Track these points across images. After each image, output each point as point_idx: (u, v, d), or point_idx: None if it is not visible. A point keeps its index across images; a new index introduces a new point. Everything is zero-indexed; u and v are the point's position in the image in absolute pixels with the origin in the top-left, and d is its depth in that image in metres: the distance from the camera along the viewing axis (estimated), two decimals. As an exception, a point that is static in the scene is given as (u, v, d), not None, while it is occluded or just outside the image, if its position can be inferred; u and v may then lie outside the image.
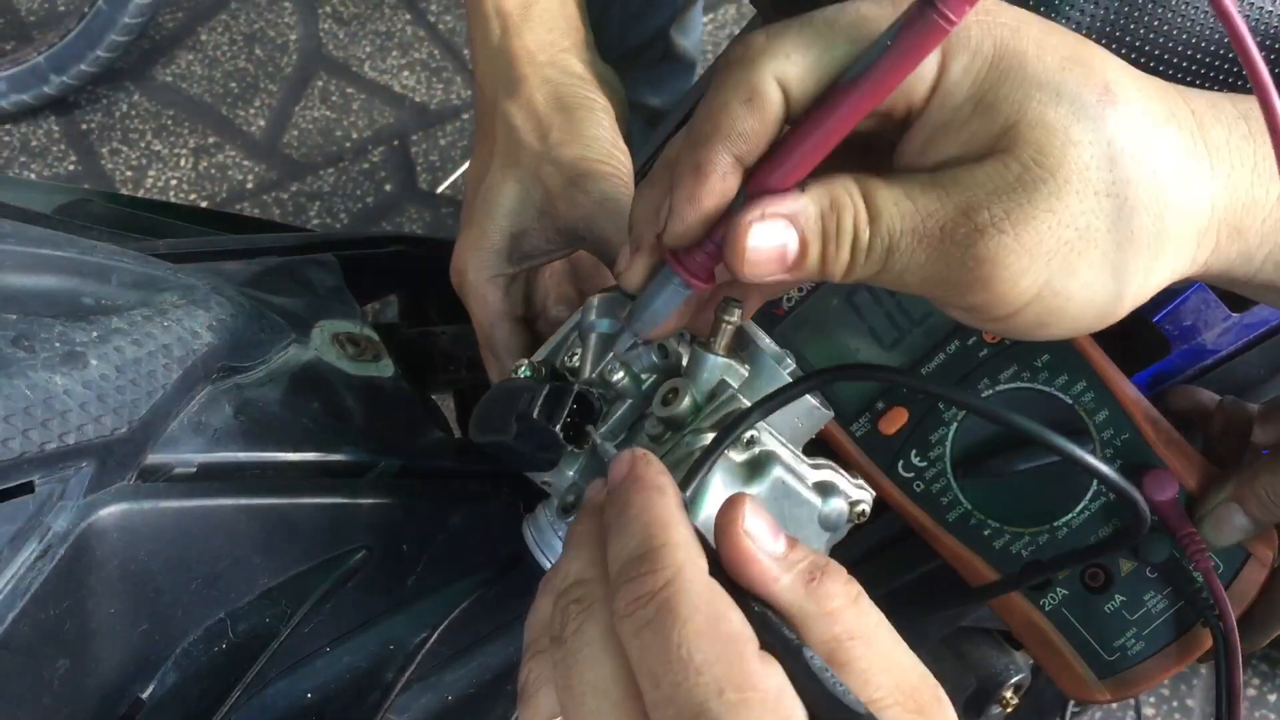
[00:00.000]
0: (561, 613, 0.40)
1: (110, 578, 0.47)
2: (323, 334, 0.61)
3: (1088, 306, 0.41)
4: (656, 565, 0.37)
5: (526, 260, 0.64)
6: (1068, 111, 0.39)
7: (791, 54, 0.40)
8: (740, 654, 0.35)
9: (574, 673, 0.38)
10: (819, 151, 0.40)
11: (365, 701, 0.57)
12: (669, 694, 0.35)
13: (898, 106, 0.41)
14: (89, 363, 0.46)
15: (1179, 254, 0.42)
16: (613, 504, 0.41)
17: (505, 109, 0.64)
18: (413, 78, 2.24)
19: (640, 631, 0.36)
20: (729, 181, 0.41)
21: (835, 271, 0.42)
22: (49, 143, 2.10)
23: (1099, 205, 0.39)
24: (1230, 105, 0.43)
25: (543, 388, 0.50)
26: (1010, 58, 0.39)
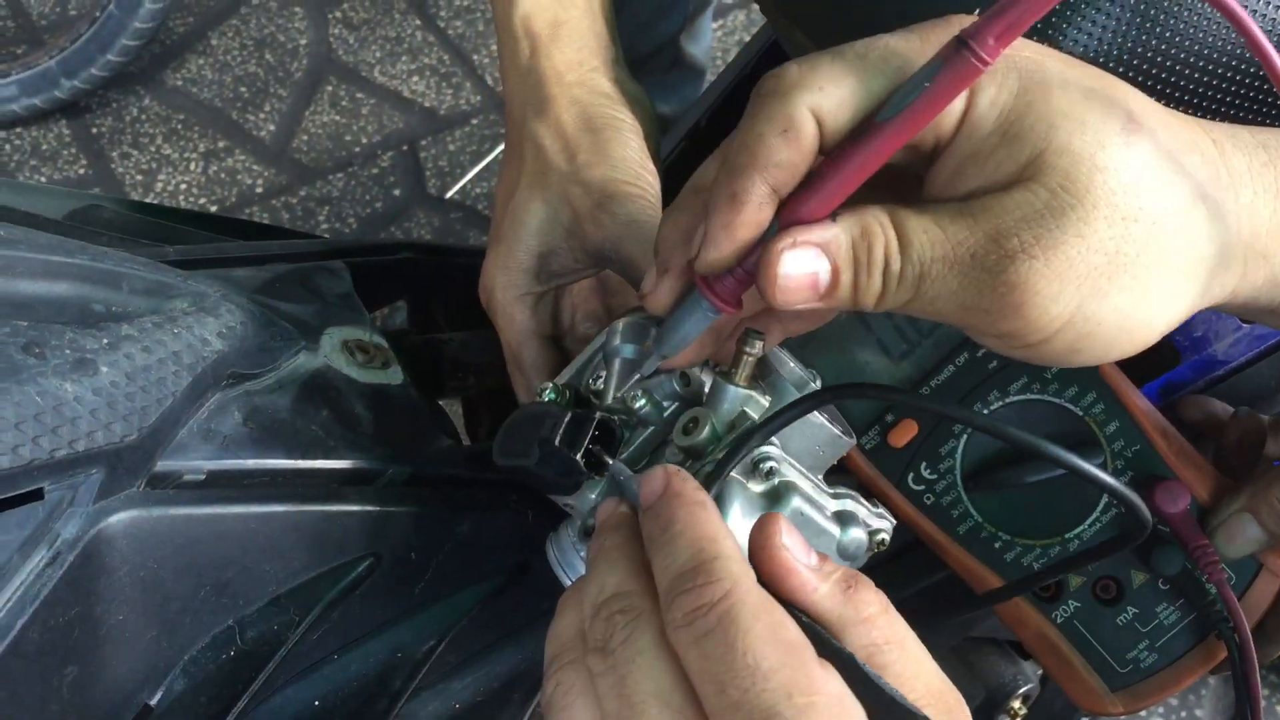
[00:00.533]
0: (605, 623, 0.40)
1: (119, 585, 0.47)
2: (332, 341, 0.61)
3: (1120, 332, 0.41)
4: (713, 577, 0.38)
5: (554, 279, 0.64)
6: (1093, 139, 0.39)
7: (826, 87, 0.41)
8: (803, 660, 0.37)
9: (630, 682, 0.38)
10: (852, 183, 0.41)
11: (373, 709, 0.57)
12: (736, 699, 0.36)
13: (926, 139, 0.42)
14: (99, 370, 0.46)
15: (1208, 279, 0.42)
16: (654, 519, 0.42)
17: (533, 129, 0.64)
18: (422, 83, 2.24)
19: (700, 640, 0.37)
20: (764, 211, 0.42)
21: (867, 300, 0.42)
22: (59, 146, 2.11)
23: (1128, 231, 0.39)
24: (1248, 135, 0.44)
25: (565, 414, 0.50)
26: (1035, 89, 0.40)
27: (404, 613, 0.59)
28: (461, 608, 0.61)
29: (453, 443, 0.62)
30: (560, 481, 0.51)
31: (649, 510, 0.43)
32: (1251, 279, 0.43)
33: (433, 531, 0.58)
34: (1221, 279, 0.43)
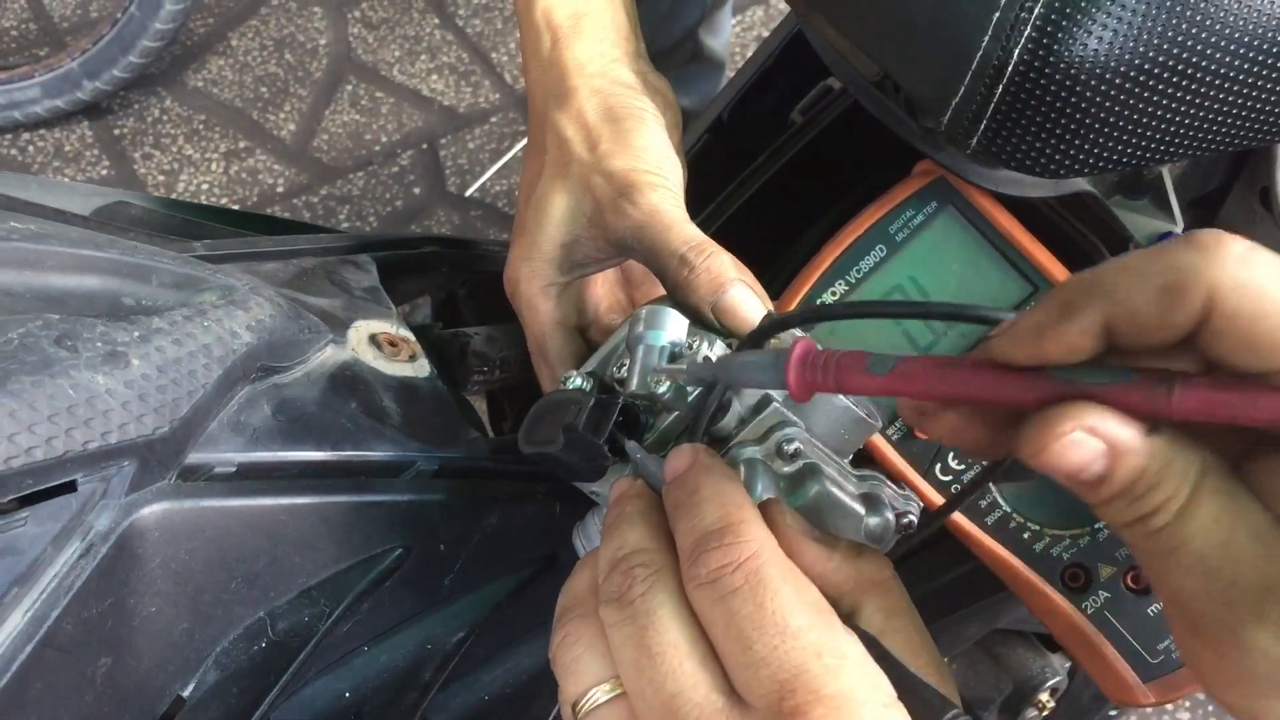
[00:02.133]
0: (624, 575, 0.41)
1: (151, 576, 0.47)
2: (359, 334, 0.61)
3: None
4: (741, 537, 0.39)
5: (578, 269, 0.64)
6: None
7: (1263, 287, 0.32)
8: (830, 623, 0.38)
9: (651, 632, 0.39)
10: (1215, 413, 0.33)
11: (403, 701, 0.57)
12: (764, 655, 0.36)
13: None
14: (130, 362, 0.46)
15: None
16: (680, 487, 0.43)
17: (555, 120, 0.64)
18: (441, 81, 2.25)
19: (727, 598, 0.38)
20: (1083, 339, 0.35)
21: (1100, 511, 0.37)
22: (82, 147, 2.12)
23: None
24: None
25: (589, 400, 0.50)
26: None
27: (433, 605, 0.59)
28: (490, 600, 0.61)
29: (480, 435, 0.62)
30: (585, 468, 0.51)
31: (675, 481, 0.43)
32: None
33: (461, 523, 0.58)
34: None
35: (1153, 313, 0.33)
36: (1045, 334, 0.35)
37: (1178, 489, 0.35)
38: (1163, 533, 0.35)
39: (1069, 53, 0.52)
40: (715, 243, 0.58)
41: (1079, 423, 0.35)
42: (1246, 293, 0.32)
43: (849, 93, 0.81)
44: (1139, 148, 0.56)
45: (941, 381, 0.37)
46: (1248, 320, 0.32)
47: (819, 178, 0.86)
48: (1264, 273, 0.32)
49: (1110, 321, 0.34)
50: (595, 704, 0.40)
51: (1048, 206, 0.71)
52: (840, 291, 0.70)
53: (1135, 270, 0.33)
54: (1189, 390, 0.33)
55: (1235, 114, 0.56)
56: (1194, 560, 0.35)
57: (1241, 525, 0.35)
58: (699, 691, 0.38)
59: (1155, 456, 0.35)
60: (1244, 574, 0.34)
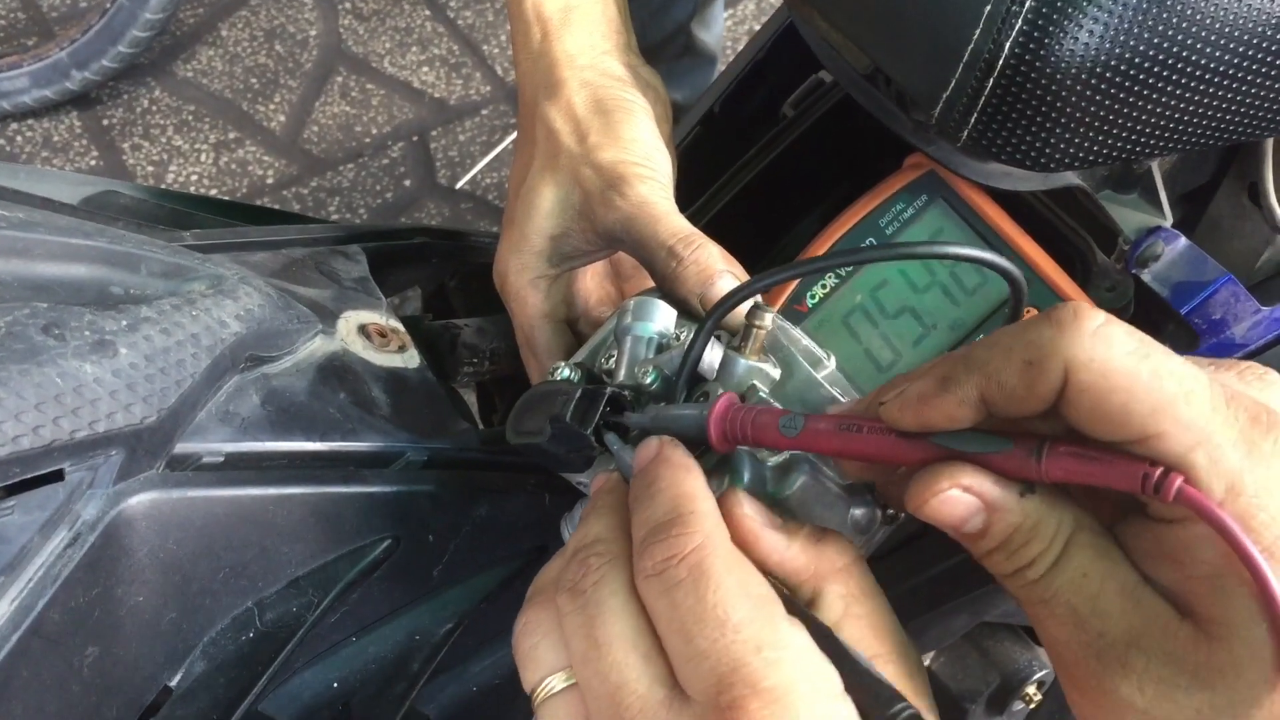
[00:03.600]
0: (580, 564, 0.41)
1: (139, 566, 0.47)
2: (348, 324, 0.61)
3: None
4: (687, 529, 0.39)
5: (567, 262, 0.64)
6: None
7: (1110, 378, 0.35)
8: (772, 615, 0.38)
9: (599, 623, 0.39)
10: (1079, 478, 0.37)
11: (391, 691, 0.57)
12: (704, 649, 0.37)
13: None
14: (118, 351, 0.46)
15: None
16: (641, 479, 0.43)
17: (545, 112, 0.64)
18: (432, 73, 2.24)
19: (671, 590, 0.38)
20: (961, 410, 0.37)
21: (984, 561, 0.40)
22: (71, 138, 2.11)
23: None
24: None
25: (576, 391, 0.50)
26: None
27: (422, 595, 0.59)
28: (479, 591, 0.61)
29: (470, 426, 0.62)
30: (572, 458, 0.51)
31: (638, 473, 0.44)
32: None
33: (451, 514, 0.58)
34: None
35: (1018, 386, 0.36)
36: (927, 405, 0.38)
37: (1050, 545, 0.38)
38: (1037, 584, 0.38)
39: (1060, 46, 0.52)
40: (704, 234, 0.58)
41: (954, 481, 0.38)
42: (1096, 369, 0.34)
43: (840, 86, 0.81)
44: (1128, 142, 0.56)
45: (842, 442, 0.41)
46: (1099, 395, 0.34)
47: (810, 171, 0.86)
48: (1116, 350, 0.34)
49: (984, 394, 0.37)
50: (550, 692, 0.41)
51: (1037, 200, 0.71)
52: (830, 285, 0.70)
53: (1004, 347, 0.36)
54: (1055, 459, 0.36)
55: (1224, 109, 0.56)
56: (1065, 611, 0.37)
57: (1110, 581, 0.37)
58: (642, 684, 0.38)
59: (1028, 515, 0.38)
60: (1111, 627, 0.37)
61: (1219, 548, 0.34)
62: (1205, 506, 0.33)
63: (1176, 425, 0.34)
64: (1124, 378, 0.34)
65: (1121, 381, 0.34)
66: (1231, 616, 0.35)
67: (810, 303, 0.71)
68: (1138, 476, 0.34)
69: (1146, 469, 0.34)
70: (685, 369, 0.50)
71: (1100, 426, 0.35)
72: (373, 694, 0.57)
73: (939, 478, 0.38)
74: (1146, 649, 0.36)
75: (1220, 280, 0.65)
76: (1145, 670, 0.36)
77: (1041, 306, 0.66)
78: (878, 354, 0.69)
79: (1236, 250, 0.73)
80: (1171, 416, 0.34)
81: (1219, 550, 0.34)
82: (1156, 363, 0.34)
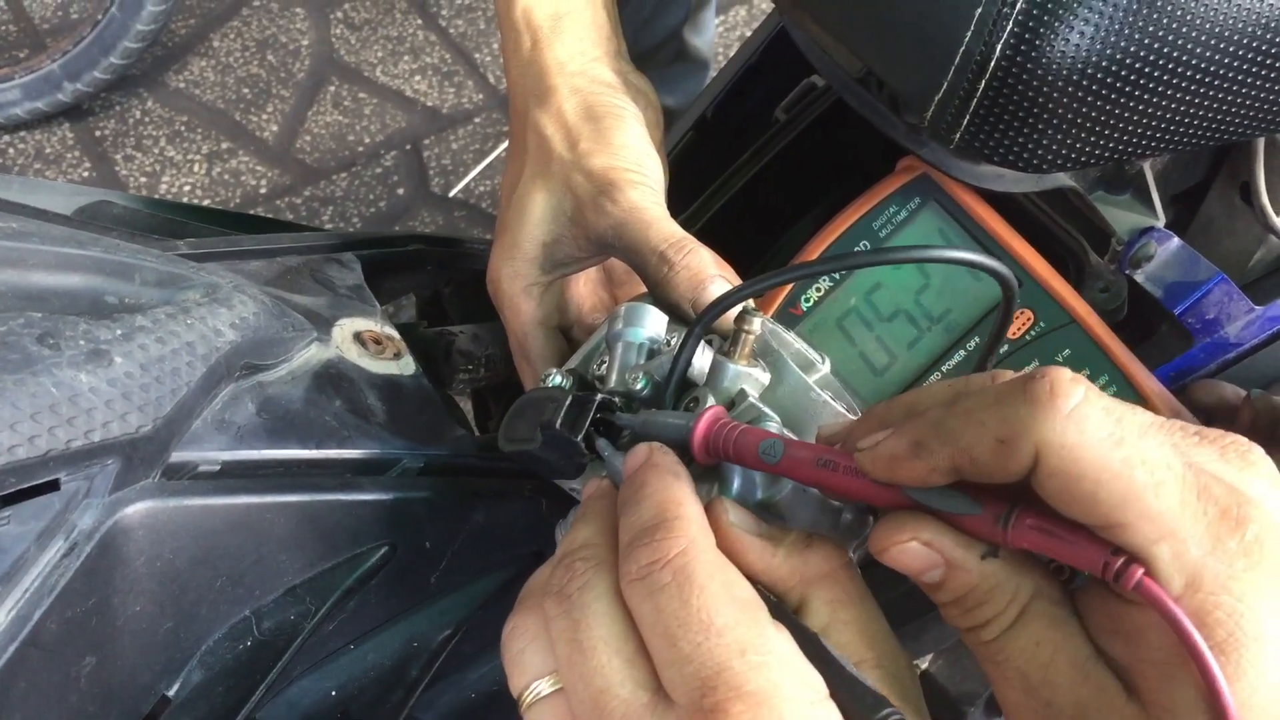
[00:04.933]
0: (566, 569, 0.42)
1: (136, 575, 0.47)
2: (344, 332, 0.61)
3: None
4: (671, 534, 0.40)
5: (559, 269, 0.64)
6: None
7: (1087, 446, 0.35)
8: (756, 619, 0.38)
9: (584, 627, 0.39)
10: (1043, 551, 0.37)
11: (389, 699, 0.57)
12: (688, 653, 0.37)
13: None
14: (114, 360, 0.46)
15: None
16: (629, 485, 0.43)
17: (536, 119, 0.64)
18: (424, 82, 2.24)
19: (655, 594, 0.38)
20: (932, 478, 0.38)
21: (942, 612, 0.40)
22: (63, 149, 2.11)
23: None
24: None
25: (567, 398, 0.50)
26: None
27: (419, 602, 0.59)
28: (476, 597, 0.61)
29: (466, 433, 0.62)
30: (564, 465, 0.51)
31: (627, 478, 0.44)
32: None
33: (447, 521, 0.58)
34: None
35: (990, 461, 0.36)
36: (899, 465, 0.38)
37: (1006, 609, 0.38)
38: (990, 645, 0.38)
39: (1051, 48, 0.53)
40: (695, 239, 0.58)
41: (914, 534, 0.39)
42: (1067, 454, 0.34)
43: (832, 90, 0.81)
44: (1120, 142, 0.57)
45: (818, 476, 0.42)
46: (1067, 480, 0.34)
47: (803, 175, 0.87)
48: (1089, 436, 0.34)
49: (956, 464, 0.37)
50: (537, 696, 0.41)
51: (1030, 202, 0.71)
52: (824, 288, 0.70)
53: (977, 421, 0.36)
54: (1021, 531, 0.37)
55: (1215, 109, 0.56)
56: (1016, 676, 0.38)
57: (1063, 653, 0.37)
58: (625, 688, 0.38)
59: (986, 577, 0.38)
60: (1059, 698, 0.37)
61: (1171, 636, 0.34)
62: (1162, 602, 0.34)
63: (1143, 518, 0.34)
64: (1093, 466, 0.34)
65: (1090, 470, 0.34)
66: (1177, 704, 0.35)
67: (805, 306, 0.71)
68: (1099, 562, 0.35)
69: (1108, 557, 0.35)
70: (674, 375, 0.50)
71: (1068, 508, 0.35)
72: (371, 701, 0.57)
73: (902, 528, 0.39)
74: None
75: (1213, 280, 0.65)
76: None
77: (1036, 309, 0.66)
78: (873, 357, 0.69)
79: (1229, 250, 0.73)
80: (1138, 509, 0.34)
81: (1171, 638, 0.34)
82: (1129, 450, 0.34)
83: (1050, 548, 0.36)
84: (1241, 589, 0.34)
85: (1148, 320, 0.68)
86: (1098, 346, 0.64)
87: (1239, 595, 0.34)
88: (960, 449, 0.37)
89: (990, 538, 0.38)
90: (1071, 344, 0.62)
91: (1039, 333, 0.66)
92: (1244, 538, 0.34)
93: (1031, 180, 0.67)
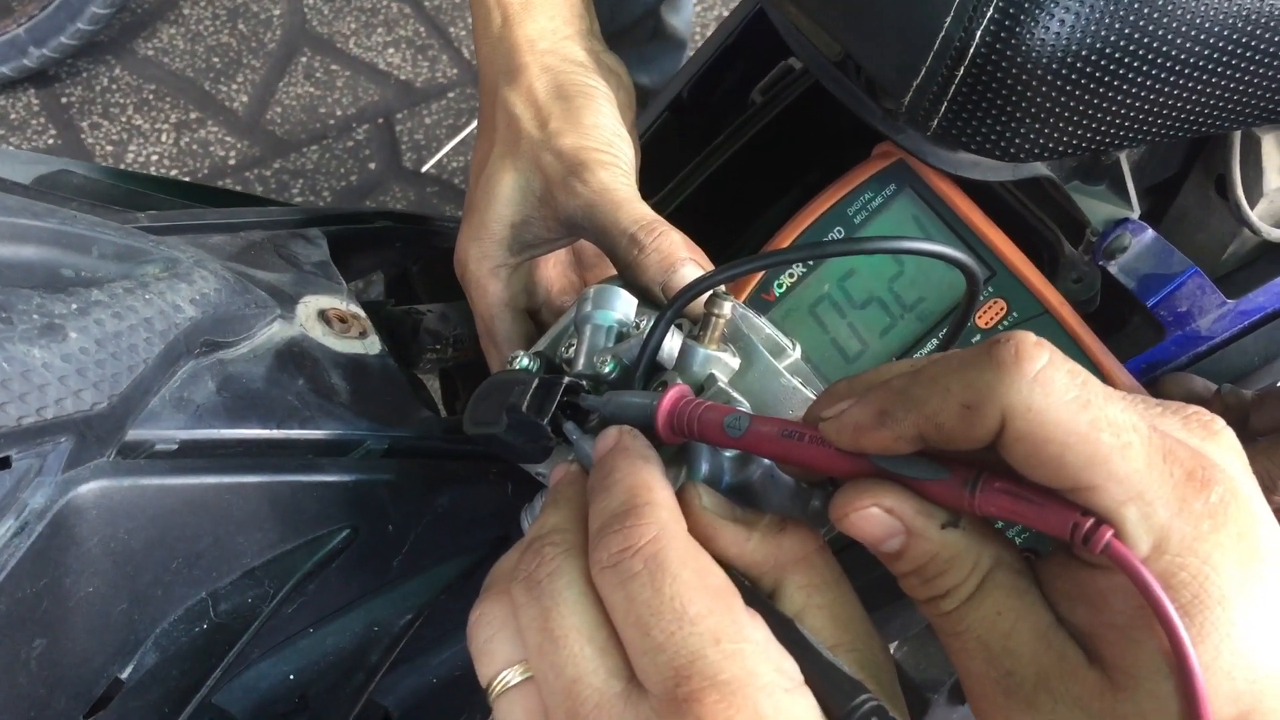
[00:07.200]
0: (535, 555, 0.41)
1: (89, 556, 0.46)
2: (308, 310, 0.60)
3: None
4: (642, 520, 0.39)
5: (528, 250, 0.63)
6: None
7: (1058, 410, 0.34)
8: (730, 606, 0.37)
9: (554, 615, 0.39)
10: (1010, 516, 0.37)
11: (349, 683, 0.56)
12: (661, 641, 0.36)
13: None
14: (68, 335, 0.45)
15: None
16: (599, 469, 0.43)
17: (505, 98, 0.63)
18: (398, 55, 2.22)
19: (627, 582, 0.38)
20: (898, 446, 0.38)
21: (901, 583, 0.40)
22: (28, 116, 2.07)
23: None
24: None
25: (533, 380, 0.50)
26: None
27: (381, 586, 0.58)
28: (440, 582, 0.60)
29: (432, 415, 0.61)
30: (530, 449, 0.50)
31: (596, 463, 0.43)
32: None
33: (411, 503, 0.57)
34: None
35: (956, 428, 0.35)
36: (863, 434, 0.38)
37: (966, 579, 0.38)
38: (950, 616, 0.38)
39: (1030, 36, 0.52)
40: (666, 222, 0.57)
41: (875, 500, 0.38)
42: (1034, 417, 0.34)
43: (810, 73, 0.80)
44: (1098, 133, 0.56)
45: (783, 448, 0.41)
46: (1034, 444, 0.34)
47: (779, 158, 0.86)
48: (1055, 399, 0.34)
49: (921, 432, 0.37)
50: (506, 686, 0.40)
51: (1006, 191, 0.71)
52: (798, 274, 0.70)
53: (942, 387, 0.36)
54: (989, 495, 0.36)
55: (1193, 101, 0.56)
56: (977, 646, 0.37)
57: (1024, 622, 0.37)
58: (598, 677, 0.37)
59: (946, 545, 0.38)
60: (1020, 667, 0.37)
61: (1134, 599, 0.34)
62: (1131, 564, 0.33)
63: (1110, 479, 0.34)
64: (1060, 429, 0.34)
65: (1057, 433, 0.34)
66: (1140, 668, 0.35)
67: (778, 292, 0.70)
68: (1067, 525, 0.35)
69: (1077, 518, 0.34)
70: (643, 359, 0.49)
71: (1035, 472, 0.35)
72: (330, 686, 0.56)
73: (862, 494, 0.38)
74: (1054, 691, 0.36)
75: (1187, 273, 0.65)
76: (1051, 712, 0.36)
77: (1009, 299, 0.66)
78: (845, 344, 0.69)
79: (1203, 243, 0.73)
80: (1106, 470, 0.34)
81: (1134, 602, 0.34)
82: (1095, 413, 0.34)
83: (1018, 512, 0.36)
84: (1207, 551, 0.34)
85: (1120, 312, 0.68)
86: (1070, 338, 0.64)
87: (1204, 557, 0.34)
88: (925, 415, 0.36)
89: (957, 504, 0.38)
90: (1044, 334, 0.60)
91: (1012, 323, 0.66)
92: (1209, 499, 0.34)
93: (1008, 169, 0.67)
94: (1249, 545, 0.34)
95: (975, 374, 0.35)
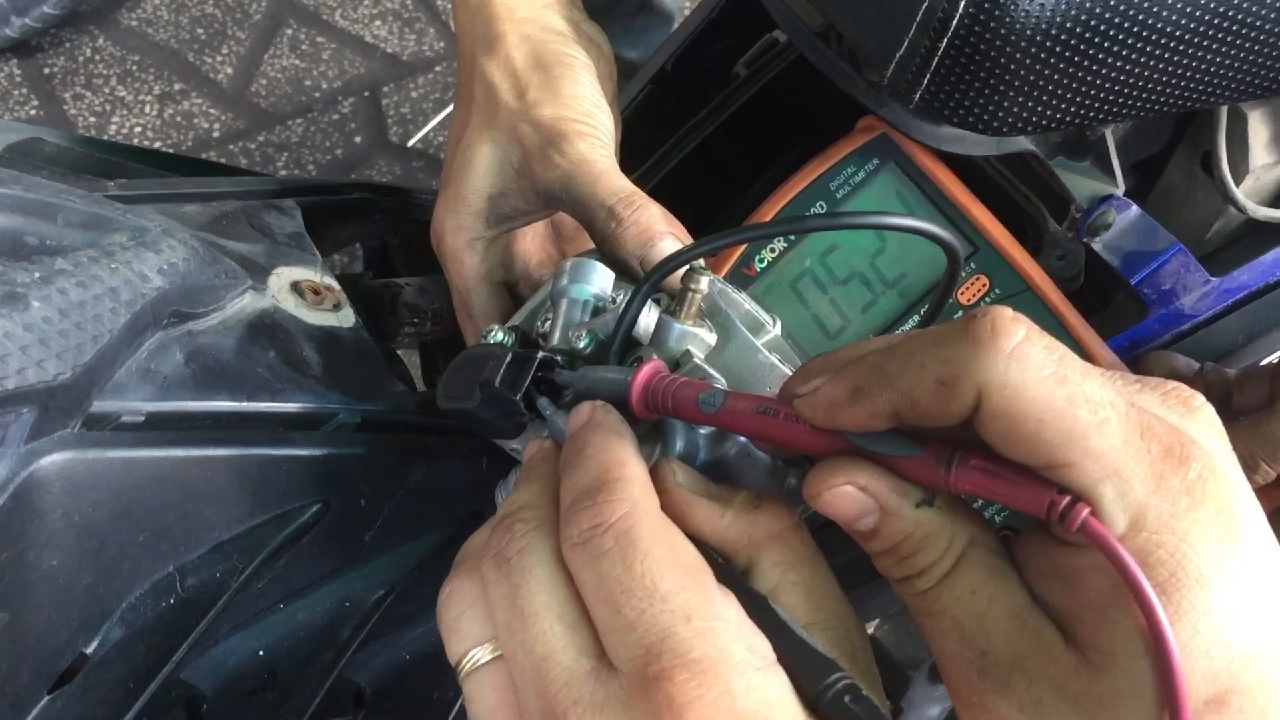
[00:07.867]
0: (506, 531, 0.40)
1: (52, 529, 0.45)
2: (280, 281, 0.59)
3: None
4: (613, 496, 0.38)
5: (505, 222, 0.62)
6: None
7: (1034, 386, 0.34)
8: (702, 583, 0.37)
9: (524, 593, 0.38)
10: (986, 494, 0.36)
11: (320, 659, 0.56)
12: (631, 619, 0.36)
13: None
14: (30, 304, 0.44)
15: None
16: (571, 444, 0.42)
17: (483, 67, 0.62)
18: (384, 28, 2.20)
19: (597, 559, 0.37)
20: (873, 423, 0.37)
21: (875, 562, 0.39)
22: (10, 86, 2.05)
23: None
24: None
25: (507, 354, 0.49)
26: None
27: (353, 561, 0.57)
28: (412, 557, 0.59)
29: (406, 389, 0.61)
30: (503, 424, 0.50)
31: (569, 438, 0.43)
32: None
33: (384, 478, 0.57)
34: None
35: (931, 404, 0.35)
36: (838, 411, 0.37)
37: (941, 558, 0.37)
38: (925, 595, 0.37)
39: (1014, 7, 0.51)
40: (645, 194, 0.56)
41: (849, 478, 0.38)
42: (1010, 393, 0.33)
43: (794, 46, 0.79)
44: (1082, 106, 0.56)
45: (758, 425, 0.41)
46: (1010, 420, 0.34)
47: (763, 132, 0.85)
48: (1031, 375, 0.33)
49: (896, 409, 0.36)
50: (476, 664, 0.40)
51: (990, 165, 0.70)
52: (779, 249, 0.69)
53: (918, 363, 0.35)
54: (965, 472, 0.36)
55: (1179, 74, 0.55)
56: (951, 626, 0.37)
57: (999, 602, 0.37)
58: (568, 655, 0.37)
59: (921, 524, 0.37)
60: (995, 647, 0.36)
61: (1111, 578, 0.34)
62: (1108, 542, 0.33)
63: (1087, 456, 0.33)
64: (1036, 405, 0.33)
65: (1034, 410, 0.33)
66: (1116, 647, 0.34)
67: (759, 267, 0.70)
68: (1044, 503, 0.34)
69: (1054, 496, 0.34)
70: (619, 334, 0.49)
71: (1011, 450, 0.34)
72: (300, 662, 0.55)
73: (836, 472, 0.38)
74: (1029, 671, 0.36)
75: (1171, 250, 0.65)
76: (1026, 692, 0.35)
77: (992, 275, 0.65)
78: (826, 320, 0.68)
79: (1188, 220, 0.72)
80: (1082, 447, 0.33)
81: (1111, 580, 0.34)
82: (1072, 389, 0.33)
83: (994, 489, 0.35)
84: (1184, 528, 0.33)
85: (1104, 289, 0.68)
86: (1053, 315, 0.64)
87: (1181, 535, 0.33)
88: (900, 392, 0.36)
89: (932, 482, 0.37)
90: (1027, 311, 0.59)
91: (994, 299, 0.65)
92: (1186, 476, 0.34)
93: (992, 143, 0.66)
94: (1227, 522, 0.34)
95: (950, 349, 0.35)
